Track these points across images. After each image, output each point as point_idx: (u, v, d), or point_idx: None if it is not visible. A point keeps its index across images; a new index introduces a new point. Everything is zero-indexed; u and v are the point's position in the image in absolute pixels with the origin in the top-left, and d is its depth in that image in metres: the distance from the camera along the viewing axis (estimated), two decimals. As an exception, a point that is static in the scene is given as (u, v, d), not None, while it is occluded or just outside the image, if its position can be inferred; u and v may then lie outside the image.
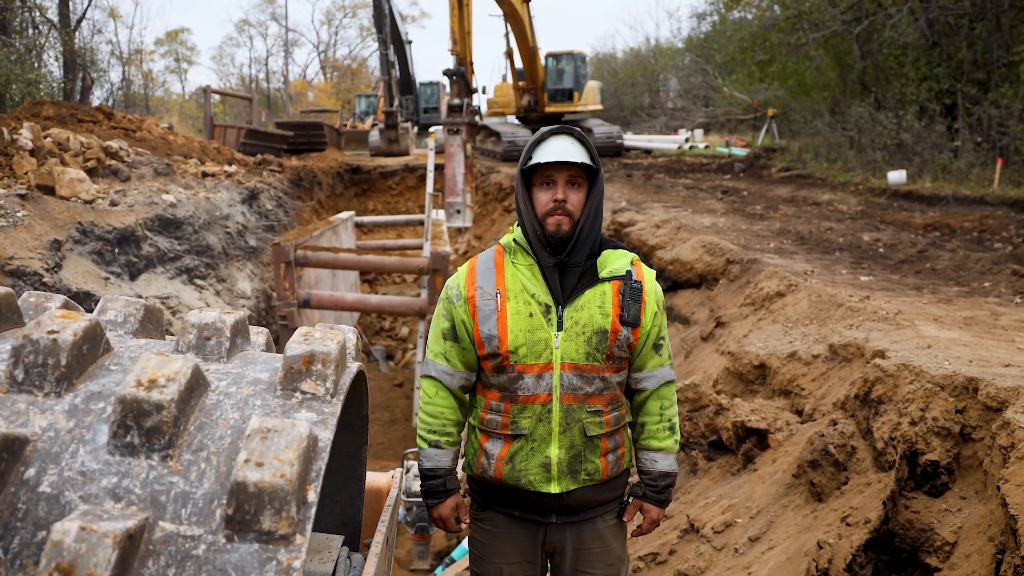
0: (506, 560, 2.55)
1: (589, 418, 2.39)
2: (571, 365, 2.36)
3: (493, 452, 2.44)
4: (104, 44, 34.26)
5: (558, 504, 2.44)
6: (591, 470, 2.42)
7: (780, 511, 3.86)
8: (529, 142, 2.40)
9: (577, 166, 2.36)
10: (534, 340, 2.35)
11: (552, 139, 2.38)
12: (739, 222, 10.74)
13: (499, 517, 2.56)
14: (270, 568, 1.36)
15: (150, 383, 1.49)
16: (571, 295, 2.39)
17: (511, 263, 2.46)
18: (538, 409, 2.37)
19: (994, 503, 2.91)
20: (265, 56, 74.22)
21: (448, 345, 2.47)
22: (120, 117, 15.38)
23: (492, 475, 2.46)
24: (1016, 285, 6.74)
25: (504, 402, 2.41)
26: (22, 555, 1.33)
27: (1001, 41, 16.52)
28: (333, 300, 10.30)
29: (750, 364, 5.21)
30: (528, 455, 2.40)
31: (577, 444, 2.39)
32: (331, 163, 22.45)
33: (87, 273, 7.85)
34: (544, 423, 2.38)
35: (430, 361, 2.52)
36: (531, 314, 2.37)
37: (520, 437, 2.40)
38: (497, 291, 2.41)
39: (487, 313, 2.39)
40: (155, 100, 44.48)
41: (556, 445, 2.38)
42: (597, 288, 2.39)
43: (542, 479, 2.40)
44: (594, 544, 2.52)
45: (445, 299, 2.50)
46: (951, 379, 3.42)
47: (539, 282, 2.40)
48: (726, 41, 29.21)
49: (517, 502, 2.49)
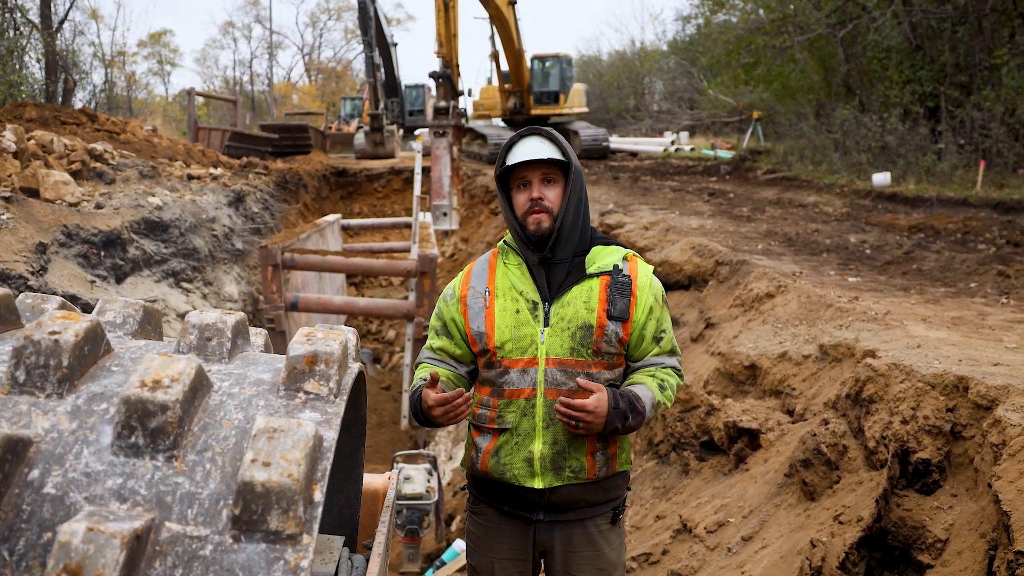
0: (498, 555, 2.57)
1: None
2: (555, 360, 2.39)
3: (481, 446, 2.49)
4: (86, 46, 33.99)
5: (543, 501, 2.45)
6: (575, 467, 2.41)
7: (773, 510, 3.88)
8: (502, 148, 2.46)
9: (548, 163, 2.41)
10: (520, 336, 2.40)
11: (522, 141, 2.44)
12: (726, 224, 10.80)
13: (491, 512, 2.58)
14: (278, 568, 1.36)
15: (154, 383, 1.48)
16: (558, 291, 2.42)
17: (503, 263, 2.53)
18: (522, 404, 2.41)
19: (985, 500, 2.94)
20: (249, 58, 73.83)
21: (442, 340, 2.56)
22: (104, 119, 15.27)
23: (480, 468, 2.51)
24: (1002, 285, 6.81)
25: (493, 397, 2.46)
26: (28, 557, 1.32)
27: (983, 44, 16.70)
28: (321, 303, 10.27)
29: (741, 365, 5.24)
30: (513, 449, 2.43)
31: (561, 440, 2.40)
32: (316, 166, 22.39)
33: (73, 276, 7.79)
34: (528, 418, 2.40)
35: (424, 352, 2.62)
36: (517, 310, 2.42)
37: (506, 431, 2.44)
38: (487, 289, 2.48)
39: (476, 311, 2.47)
40: (138, 103, 44.16)
41: (540, 440, 2.40)
42: (584, 284, 2.42)
43: (526, 474, 2.42)
44: (584, 548, 2.51)
45: (441, 298, 2.60)
46: (941, 378, 3.46)
47: (527, 280, 2.46)
48: (711, 44, 29.37)
49: (505, 497, 2.51)
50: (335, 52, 68.91)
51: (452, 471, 8.33)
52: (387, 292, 19.06)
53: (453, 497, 7.43)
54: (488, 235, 17.20)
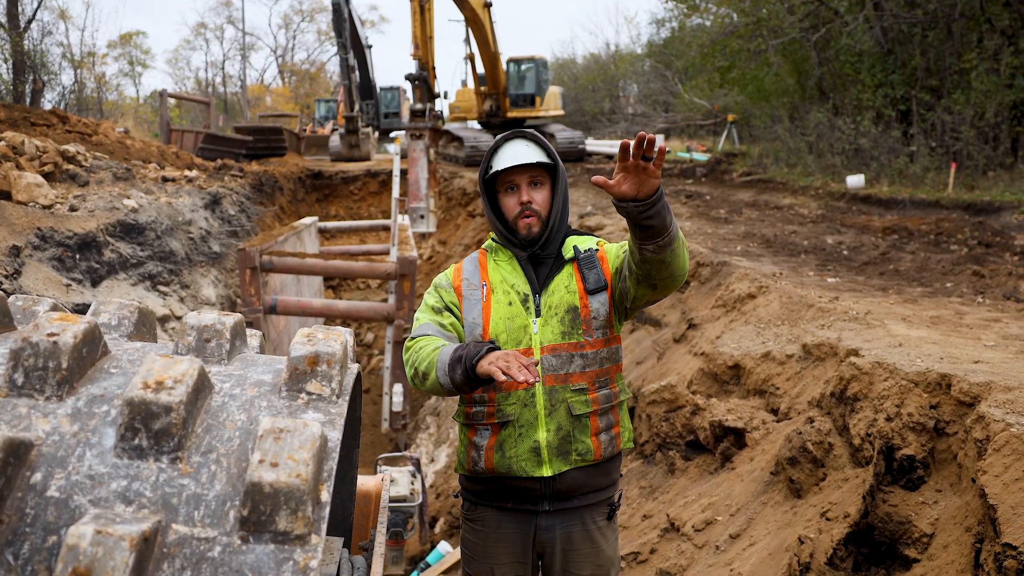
0: (497, 561, 2.56)
1: (574, 397, 2.43)
2: (549, 348, 2.43)
3: (482, 443, 2.48)
4: (55, 46, 33.52)
5: (549, 489, 2.46)
6: (582, 450, 2.45)
7: (760, 508, 3.92)
8: (487, 152, 2.49)
9: (536, 166, 2.45)
10: (514, 327, 2.45)
11: (507, 145, 2.48)
12: (705, 225, 10.87)
13: (490, 515, 2.57)
14: (287, 568, 1.35)
15: (157, 385, 1.47)
16: (544, 282, 2.50)
17: (493, 261, 2.58)
18: (522, 394, 2.42)
19: (970, 495, 2.98)
20: (222, 60, 73.16)
21: (444, 316, 2.52)
22: (75, 121, 15.07)
23: (484, 467, 2.48)
24: (977, 285, 6.92)
25: (488, 392, 2.46)
26: (33, 561, 1.30)
27: (952, 49, 16.97)
28: (300, 306, 10.20)
29: (724, 365, 5.28)
30: (517, 441, 2.43)
31: (565, 425, 2.43)
32: (292, 168, 22.23)
33: (47, 280, 7.68)
34: (529, 407, 2.42)
35: (422, 324, 2.48)
36: (510, 303, 2.47)
37: (507, 424, 2.44)
38: (483, 283, 2.53)
39: (472, 302, 2.51)
40: (108, 104, 43.53)
41: (543, 428, 2.42)
42: (564, 271, 2.51)
43: (533, 463, 2.42)
44: (583, 545, 2.53)
45: (434, 288, 2.60)
46: (924, 376, 3.50)
47: (518, 273, 2.52)
48: (685, 47, 29.55)
49: (509, 493, 2.50)
50: (309, 54, 68.29)
51: (435, 473, 8.31)
52: (365, 295, 18.97)
53: (437, 499, 7.41)
54: (466, 237, 17.18)
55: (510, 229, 2.50)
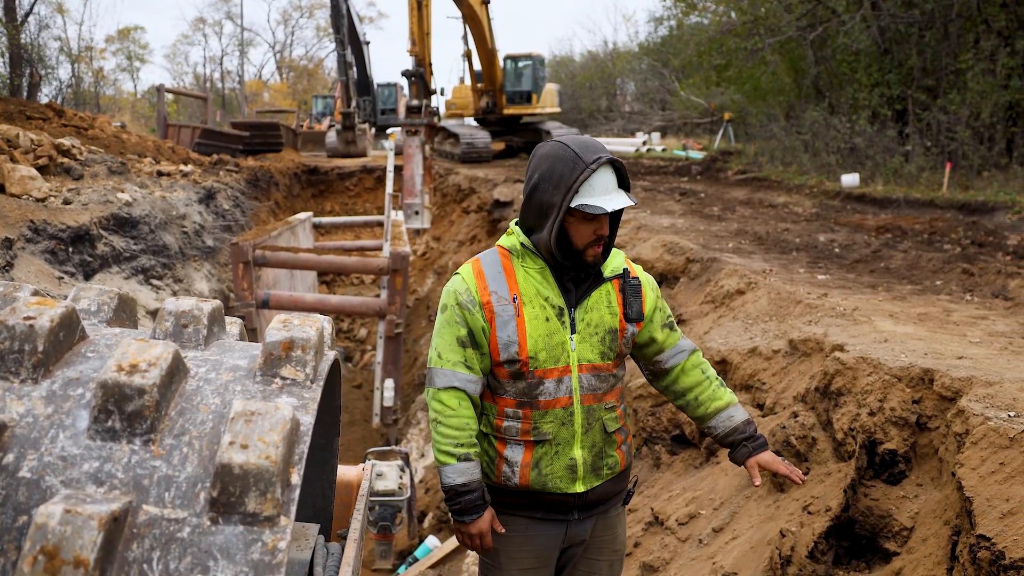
0: (521, 566, 2.52)
1: (607, 415, 2.45)
2: (588, 366, 2.39)
3: (515, 460, 2.40)
4: (52, 40, 33.40)
5: (581, 502, 2.46)
6: (611, 464, 2.47)
7: (743, 502, 3.94)
8: (573, 175, 2.26)
9: None
10: (552, 344, 2.35)
11: (597, 176, 2.29)
12: (697, 223, 10.89)
13: (517, 522, 2.50)
14: (255, 549, 1.36)
15: (131, 368, 1.48)
16: (581, 296, 2.40)
17: (521, 267, 2.41)
18: (560, 413, 2.37)
19: (949, 488, 3.01)
20: (220, 55, 73.00)
21: (469, 352, 2.38)
22: (71, 115, 15.05)
23: (518, 483, 2.42)
24: (966, 283, 6.95)
25: (523, 408, 2.38)
26: (2, 540, 1.31)
27: (949, 49, 17.00)
28: (292, 301, 10.21)
29: (711, 360, 5.29)
30: (553, 459, 2.39)
31: (598, 442, 2.43)
32: (288, 164, 22.24)
33: (40, 272, 7.68)
34: (567, 426, 2.38)
35: (448, 372, 2.39)
36: (547, 318, 2.35)
37: (543, 443, 2.38)
38: (514, 296, 2.37)
39: (506, 319, 2.34)
40: (106, 99, 43.50)
41: (579, 446, 2.40)
42: (603, 288, 2.43)
43: (568, 481, 2.41)
44: (604, 533, 2.58)
45: (456, 305, 2.39)
46: (908, 371, 3.52)
47: (551, 285, 2.39)
48: (683, 45, 29.57)
49: (540, 505, 2.47)
50: (307, 50, 68.37)
51: (424, 468, 8.32)
52: (358, 290, 18.98)
53: (426, 494, 7.43)
54: (460, 234, 17.19)
55: (574, 254, 2.34)
